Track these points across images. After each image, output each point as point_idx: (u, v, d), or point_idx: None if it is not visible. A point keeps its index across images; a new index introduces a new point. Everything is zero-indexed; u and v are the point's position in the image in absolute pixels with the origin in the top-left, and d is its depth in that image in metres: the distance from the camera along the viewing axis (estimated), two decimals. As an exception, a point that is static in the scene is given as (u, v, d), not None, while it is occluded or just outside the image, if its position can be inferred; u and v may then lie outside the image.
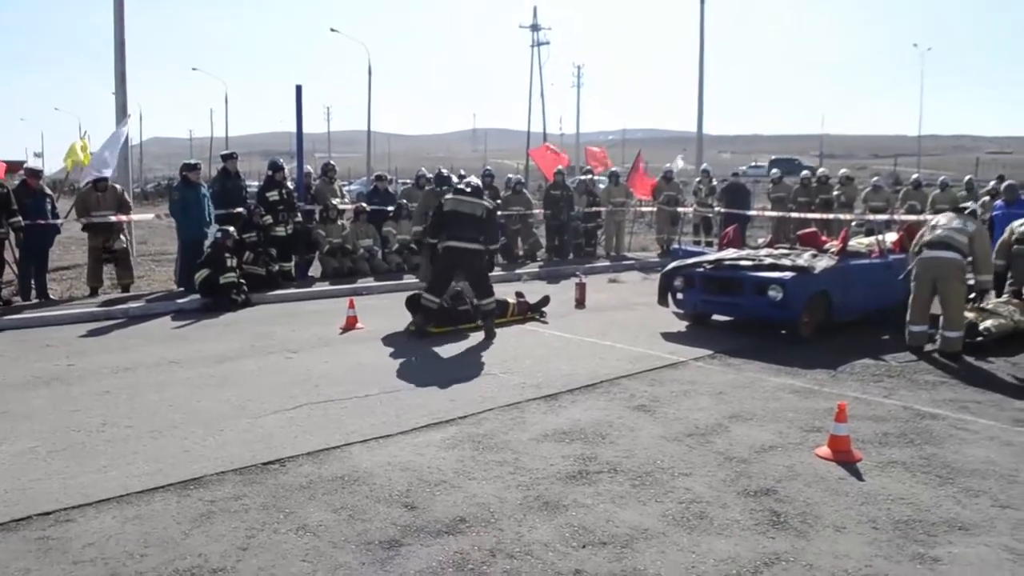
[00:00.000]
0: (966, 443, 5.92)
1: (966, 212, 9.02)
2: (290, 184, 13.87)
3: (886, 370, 8.12)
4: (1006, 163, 59.32)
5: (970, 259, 8.69)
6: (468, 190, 9.76)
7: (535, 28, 58.49)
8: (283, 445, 5.66)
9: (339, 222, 14.65)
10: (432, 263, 9.96)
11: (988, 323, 9.02)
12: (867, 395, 7.19)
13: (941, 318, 8.80)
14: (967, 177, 19.83)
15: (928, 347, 8.92)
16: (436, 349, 8.89)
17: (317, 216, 14.51)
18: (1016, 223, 10.26)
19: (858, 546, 4.26)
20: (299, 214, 13.64)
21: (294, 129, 14.68)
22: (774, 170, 25.54)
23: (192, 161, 12.63)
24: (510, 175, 19.62)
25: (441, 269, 9.61)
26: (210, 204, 12.42)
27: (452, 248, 9.48)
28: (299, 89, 14.03)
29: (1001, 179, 18.35)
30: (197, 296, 11.33)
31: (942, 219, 9.13)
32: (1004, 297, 9.96)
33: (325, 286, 13.11)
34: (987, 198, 16.55)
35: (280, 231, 13.12)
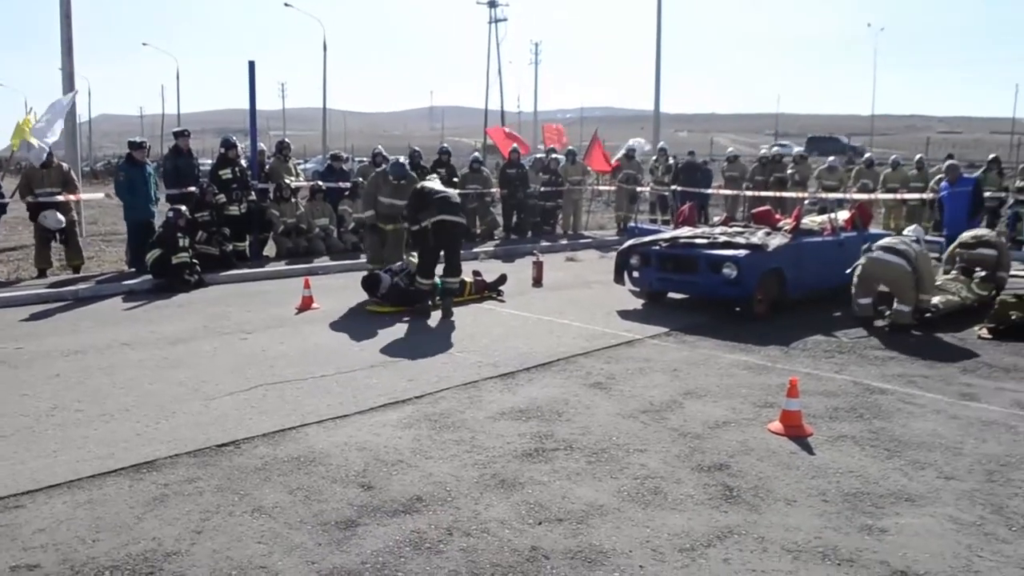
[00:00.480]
0: (913, 417, 6.06)
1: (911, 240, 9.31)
2: (244, 162, 13.67)
3: (837, 346, 8.27)
4: (956, 143, 60.38)
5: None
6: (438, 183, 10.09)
7: (492, 4, 58.08)
8: (238, 427, 5.62)
9: (293, 201, 14.46)
10: (416, 244, 9.86)
11: (936, 299, 9.22)
12: (818, 371, 7.31)
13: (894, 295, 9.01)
14: (918, 156, 20.19)
15: (879, 323, 9.11)
16: (393, 329, 8.85)
17: (271, 195, 14.32)
18: (966, 234, 10.49)
19: (808, 518, 4.35)
20: (252, 193, 13.46)
21: (247, 106, 14.44)
22: (730, 148, 25.75)
23: (138, 139, 12.33)
24: (476, 153, 19.50)
25: (434, 247, 9.58)
26: (157, 183, 12.20)
27: (447, 222, 9.47)
28: (252, 65, 13.79)
29: (950, 158, 18.71)
30: (149, 277, 11.14)
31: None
32: (952, 274, 10.20)
33: (280, 266, 12.98)
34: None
35: (234, 210, 12.95)
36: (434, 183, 10.01)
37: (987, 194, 16.67)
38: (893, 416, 6.06)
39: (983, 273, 10.12)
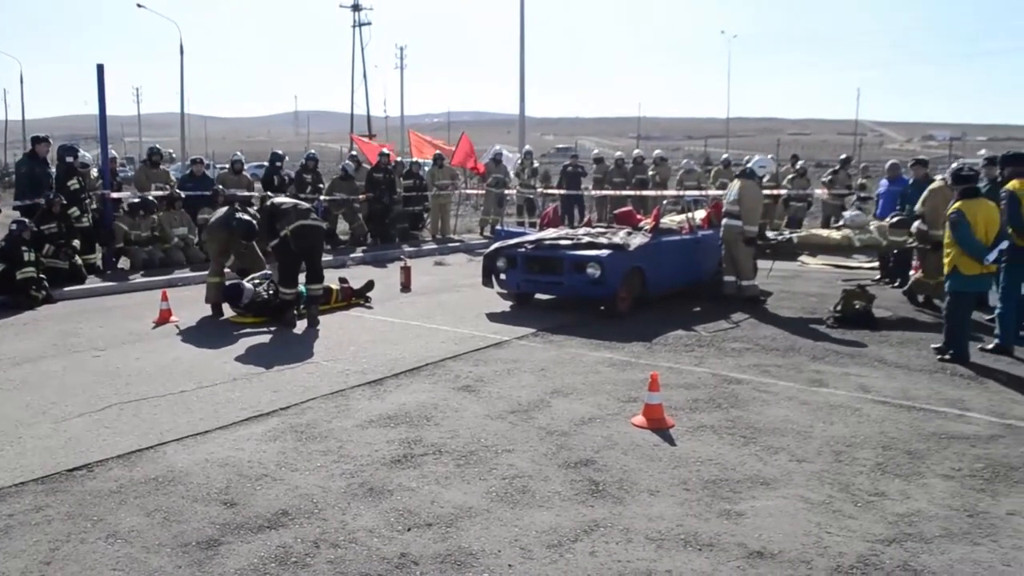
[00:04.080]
0: (768, 404, 6.35)
1: (738, 174, 10.79)
2: (95, 171, 13.01)
3: (697, 340, 8.58)
4: (805, 143, 63.83)
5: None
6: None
7: (356, 8, 57.30)
8: (90, 449, 5.34)
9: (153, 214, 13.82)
10: (276, 254, 9.57)
11: (865, 236, 10.05)
12: (679, 364, 7.56)
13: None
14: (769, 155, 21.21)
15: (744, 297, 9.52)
16: (256, 340, 8.63)
17: (125, 206, 13.69)
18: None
19: (671, 507, 4.49)
20: (95, 202, 12.82)
21: (97, 111, 13.76)
22: (595, 150, 26.29)
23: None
24: (347, 161, 19.17)
25: (295, 254, 9.35)
26: None
27: (306, 227, 9.29)
28: (101, 68, 13.15)
29: (795, 158, 19.79)
30: (-10, 294, 10.46)
31: (730, 192, 10.70)
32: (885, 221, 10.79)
33: (137, 278, 12.42)
34: (791, 175, 18.07)
35: (84, 221, 12.31)
36: (280, 197, 10.08)
37: (836, 191, 17.79)
38: (749, 404, 6.34)
39: (896, 219, 10.51)
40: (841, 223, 11.60)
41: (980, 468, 5.10)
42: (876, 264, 12.83)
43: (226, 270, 10.24)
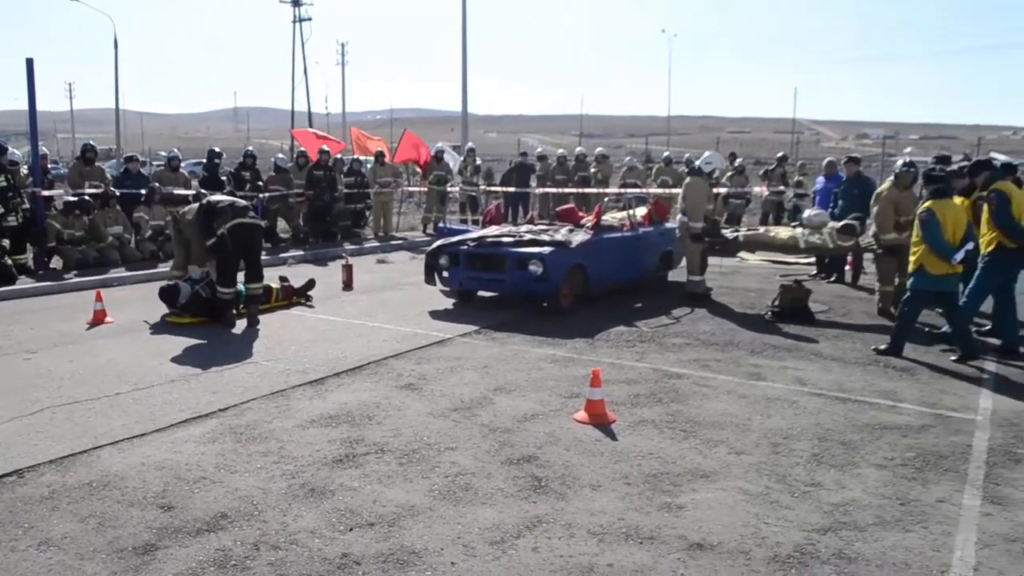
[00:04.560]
0: (707, 398, 6.45)
1: (688, 171, 11.16)
2: (24, 169, 12.64)
3: (638, 336, 8.66)
4: (744, 141, 64.86)
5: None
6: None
7: (296, 3, 56.50)
8: (21, 455, 5.19)
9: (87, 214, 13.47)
10: (214, 253, 9.38)
11: (813, 238, 10.07)
12: (621, 360, 7.63)
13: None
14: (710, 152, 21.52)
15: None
16: (195, 340, 8.47)
17: (60, 204, 13.32)
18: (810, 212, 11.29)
19: (612, 502, 4.53)
20: (25, 201, 12.47)
21: (27, 107, 13.37)
22: (539, 148, 26.38)
23: None
24: (279, 155, 18.94)
25: (233, 252, 9.20)
26: None
27: (246, 225, 9.22)
28: (30, 63, 12.77)
29: (733, 156, 20.13)
30: (-86, 296, 10.11)
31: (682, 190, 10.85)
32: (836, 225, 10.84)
33: (70, 278, 12.10)
34: (730, 172, 18.41)
35: (12, 220, 11.95)
36: (216, 195, 9.89)
37: (775, 188, 18.14)
38: (689, 399, 6.42)
39: (841, 224, 10.57)
40: (796, 223, 11.70)
41: (911, 457, 5.24)
42: (812, 260, 13.09)
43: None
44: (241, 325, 9.12)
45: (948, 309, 8.00)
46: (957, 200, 7.98)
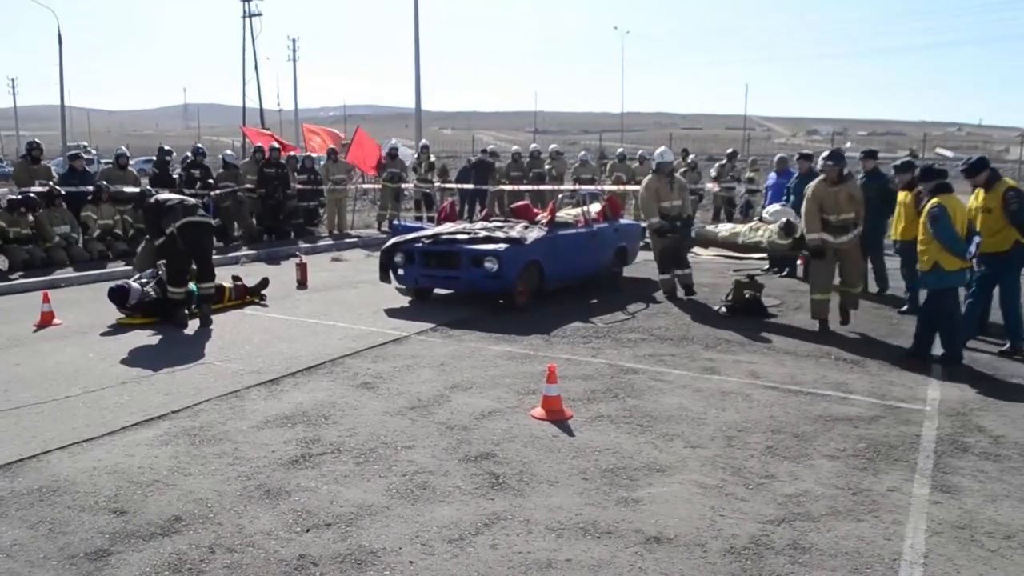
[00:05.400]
0: (663, 393, 6.50)
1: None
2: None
3: (594, 332, 8.70)
4: (696, 138, 65.22)
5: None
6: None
7: (245, -2, 55.74)
8: (-35, 460, 5.07)
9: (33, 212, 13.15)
10: (163, 253, 9.23)
11: (752, 236, 9.99)
12: (577, 356, 7.66)
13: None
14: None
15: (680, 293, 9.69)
16: (146, 342, 8.32)
17: (3, 202, 12.98)
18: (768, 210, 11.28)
19: (570, 497, 4.55)
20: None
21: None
22: (490, 145, 26.35)
23: None
24: (228, 151, 18.67)
25: (183, 252, 9.04)
26: None
27: (196, 224, 9.05)
28: (-31, 60, 12.47)
29: (685, 152, 20.32)
30: None
31: None
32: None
33: (16, 279, 11.81)
34: (682, 168, 18.53)
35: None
36: (164, 194, 9.77)
37: (726, 184, 18.33)
38: (645, 393, 6.47)
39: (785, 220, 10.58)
40: (757, 218, 11.79)
41: (862, 448, 5.34)
42: (765, 255, 13.25)
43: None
44: (193, 325, 8.98)
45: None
46: (901, 195, 8.08)
